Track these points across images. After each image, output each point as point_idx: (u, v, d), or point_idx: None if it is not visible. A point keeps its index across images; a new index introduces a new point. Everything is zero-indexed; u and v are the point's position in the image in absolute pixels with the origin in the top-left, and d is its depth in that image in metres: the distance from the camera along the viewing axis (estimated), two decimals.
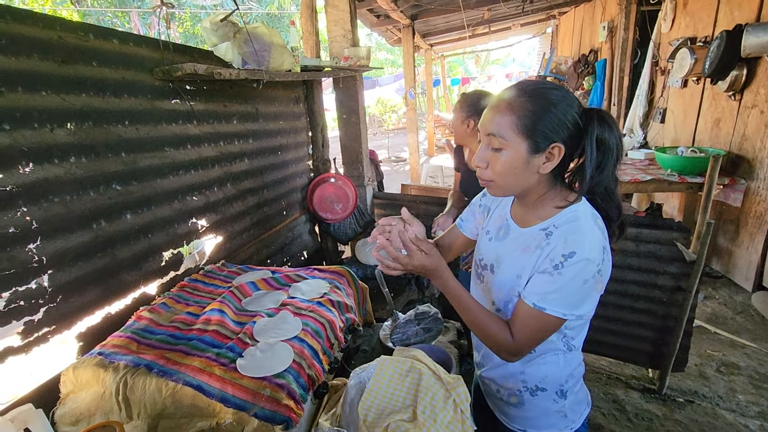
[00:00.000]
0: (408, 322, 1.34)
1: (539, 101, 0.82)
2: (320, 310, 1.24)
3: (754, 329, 2.84)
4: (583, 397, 1.07)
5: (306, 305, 1.26)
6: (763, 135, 2.99)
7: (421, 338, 1.35)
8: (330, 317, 1.23)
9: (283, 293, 1.35)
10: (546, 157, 0.84)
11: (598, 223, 0.86)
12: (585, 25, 7.13)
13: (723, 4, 3.43)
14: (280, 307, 1.26)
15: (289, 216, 2.54)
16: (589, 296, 0.85)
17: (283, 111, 2.43)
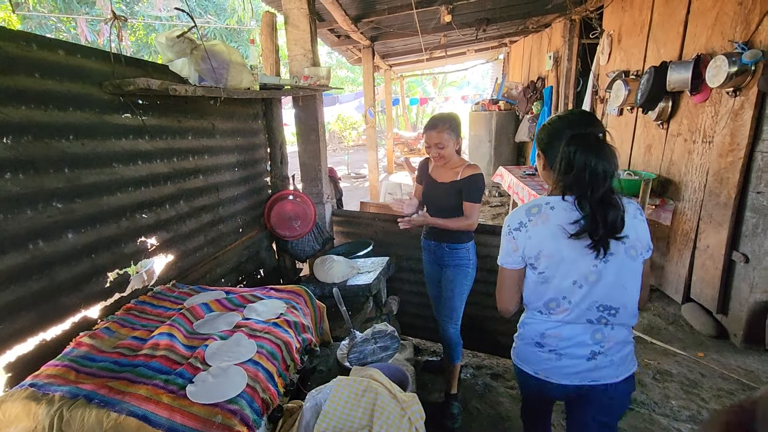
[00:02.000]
0: (365, 341, 1.36)
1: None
2: (276, 331, 1.22)
3: (684, 338, 3.09)
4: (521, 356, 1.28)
5: (261, 326, 1.24)
6: (687, 161, 3.31)
7: (378, 357, 1.37)
8: (286, 338, 1.22)
9: (238, 314, 1.32)
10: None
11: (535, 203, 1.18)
12: (533, 54, 7.62)
13: (651, 43, 3.81)
14: (234, 329, 1.23)
15: (245, 234, 2.48)
16: (504, 249, 1.22)
17: (241, 127, 2.40)
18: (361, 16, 4.60)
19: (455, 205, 2.04)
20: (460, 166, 2.04)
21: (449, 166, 2.07)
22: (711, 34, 3.04)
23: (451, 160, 2.05)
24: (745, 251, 2.81)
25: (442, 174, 2.10)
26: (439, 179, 2.10)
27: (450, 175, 2.06)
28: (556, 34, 6.26)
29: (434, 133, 1.97)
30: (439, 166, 2.11)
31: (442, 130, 1.95)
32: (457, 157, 2.09)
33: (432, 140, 1.98)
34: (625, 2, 4.26)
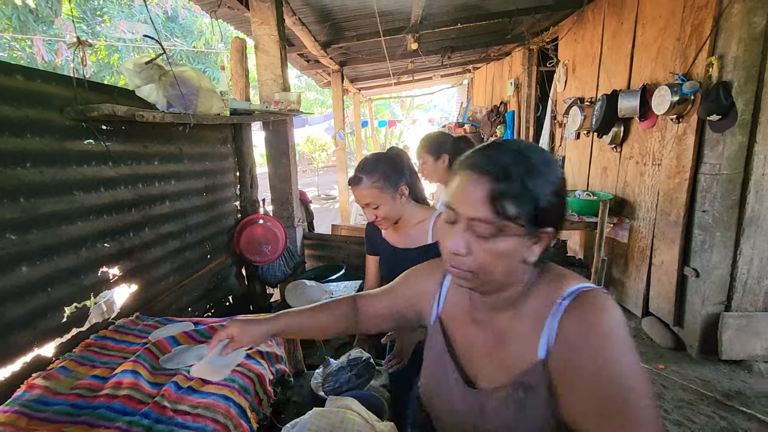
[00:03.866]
0: (340, 369, 1.33)
1: None
2: (248, 363, 1.18)
3: (646, 351, 3.22)
4: None
5: None
6: (639, 182, 3.53)
7: (354, 385, 1.35)
8: (259, 370, 1.18)
9: (207, 347, 1.27)
10: None
11: None
12: (496, 80, 7.99)
13: (602, 73, 4.10)
14: None
15: (213, 260, 2.41)
16: None
17: (210, 151, 2.37)
18: (330, 42, 4.69)
19: None
20: (426, 221, 1.42)
21: (408, 223, 1.45)
22: (654, 66, 3.31)
23: (403, 215, 1.44)
24: (695, 266, 3.00)
25: (402, 236, 1.47)
26: (400, 244, 1.48)
27: (414, 236, 1.44)
28: (516, 62, 6.60)
29: (357, 190, 1.36)
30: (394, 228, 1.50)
31: (367, 185, 1.34)
32: (415, 209, 1.46)
33: (358, 200, 1.39)
34: (577, 35, 4.57)
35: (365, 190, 1.36)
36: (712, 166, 2.82)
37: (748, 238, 2.83)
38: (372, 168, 1.37)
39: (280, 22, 2.62)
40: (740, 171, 2.76)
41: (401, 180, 1.40)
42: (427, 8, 4.10)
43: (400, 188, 1.39)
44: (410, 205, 1.46)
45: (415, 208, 1.47)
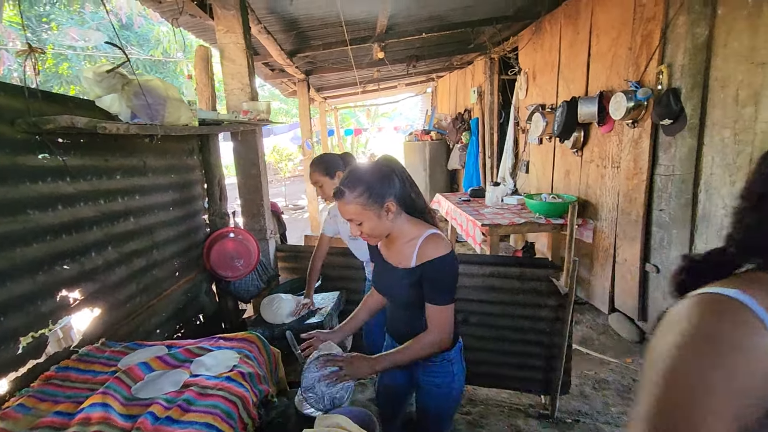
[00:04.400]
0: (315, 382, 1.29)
1: None
2: (230, 386, 1.12)
3: (614, 347, 3.35)
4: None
5: (213, 383, 1.13)
6: (600, 184, 3.70)
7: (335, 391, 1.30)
8: (242, 393, 1.12)
9: (184, 371, 1.19)
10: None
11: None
12: (459, 88, 8.18)
13: (561, 80, 4.28)
14: (183, 390, 1.10)
15: (183, 277, 2.29)
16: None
17: (175, 164, 2.26)
18: (296, 50, 4.64)
19: (415, 300, 1.34)
20: (415, 240, 1.33)
21: (399, 239, 1.38)
22: (609, 73, 3.50)
23: (392, 232, 1.36)
24: (655, 263, 3.16)
25: (393, 251, 1.41)
26: (391, 260, 1.42)
27: (403, 255, 1.36)
28: (478, 70, 6.80)
29: (340, 204, 1.30)
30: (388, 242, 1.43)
31: (349, 200, 1.27)
32: (406, 226, 1.36)
33: (342, 215, 1.33)
34: (536, 44, 4.76)
35: (347, 205, 1.28)
36: (666, 168, 2.99)
37: (701, 234, 3.02)
38: (355, 181, 1.28)
39: (246, 30, 2.56)
40: (691, 171, 2.94)
41: (388, 195, 1.29)
42: (393, 18, 4.15)
43: (386, 204, 1.28)
44: (401, 220, 1.36)
45: (407, 224, 1.36)
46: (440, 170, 8.49)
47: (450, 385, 1.43)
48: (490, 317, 2.52)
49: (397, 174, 1.33)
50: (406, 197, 1.35)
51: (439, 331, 1.31)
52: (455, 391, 1.45)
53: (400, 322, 1.49)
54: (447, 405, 1.48)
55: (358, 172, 1.32)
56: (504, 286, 2.45)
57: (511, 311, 2.48)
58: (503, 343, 2.54)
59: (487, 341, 2.56)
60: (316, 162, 2.22)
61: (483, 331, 2.54)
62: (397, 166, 1.36)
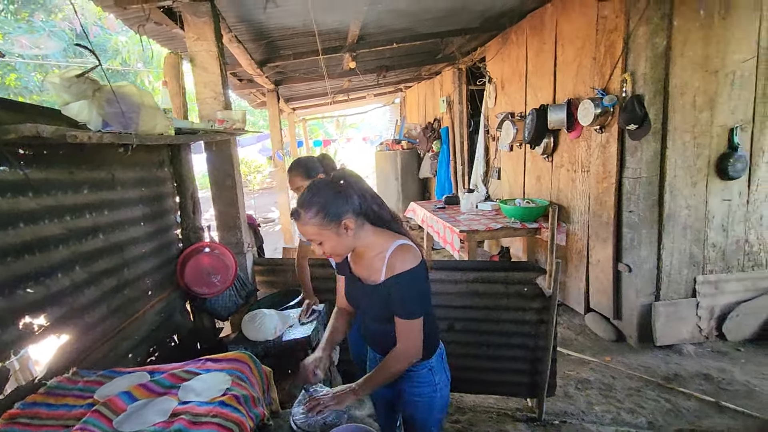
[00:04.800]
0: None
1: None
2: (225, 412, 1.04)
3: (592, 346, 3.44)
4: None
5: (206, 409, 1.04)
6: (571, 188, 3.82)
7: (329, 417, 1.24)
8: (239, 419, 1.04)
9: (172, 399, 1.09)
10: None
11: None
12: (428, 98, 8.31)
13: (529, 89, 4.42)
14: (172, 419, 1.01)
15: (156, 296, 2.15)
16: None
17: (146, 176, 2.14)
18: (267, 60, 4.56)
19: (389, 314, 1.32)
20: (383, 252, 1.29)
21: (367, 253, 1.33)
22: (576, 82, 3.64)
23: (357, 246, 1.32)
24: (627, 262, 3.28)
25: (362, 266, 1.37)
26: (360, 273, 1.38)
27: (371, 269, 1.33)
28: (446, 80, 6.93)
29: (299, 226, 1.27)
30: (356, 256, 1.39)
31: (305, 221, 1.24)
32: (372, 239, 1.32)
33: (303, 236, 1.32)
34: (503, 54, 4.91)
35: (304, 226, 1.25)
36: (634, 171, 3.13)
37: (668, 233, 3.17)
38: (310, 201, 1.24)
39: (218, 37, 2.47)
40: (657, 174, 3.09)
41: (344, 212, 1.24)
42: (365, 28, 4.17)
43: (343, 222, 1.24)
44: (366, 233, 1.31)
45: (373, 236, 1.32)
46: (412, 179, 8.55)
47: (432, 395, 1.41)
48: (474, 323, 2.52)
49: (354, 189, 1.29)
50: (368, 210, 1.32)
51: (407, 346, 1.30)
52: (438, 401, 1.43)
53: (377, 334, 1.47)
54: (431, 415, 1.45)
55: (311, 191, 1.28)
56: (488, 291, 2.46)
57: (495, 316, 2.48)
58: (488, 349, 2.54)
59: (473, 347, 2.55)
60: (294, 166, 2.18)
61: (468, 337, 2.53)
62: (354, 181, 1.32)
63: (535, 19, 4.18)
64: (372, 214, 1.32)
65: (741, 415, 2.49)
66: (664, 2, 2.83)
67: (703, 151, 3.08)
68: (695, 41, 2.91)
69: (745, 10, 2.91)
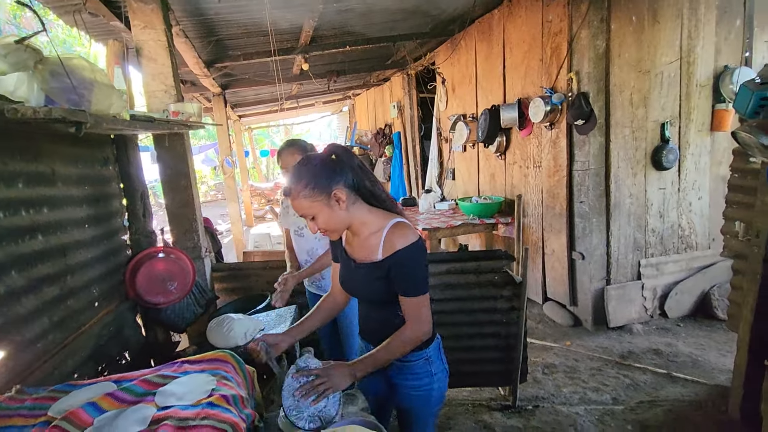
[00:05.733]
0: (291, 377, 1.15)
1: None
2: (216, 413, 0.91)
3: (552, 333, 3.58)
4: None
5: (193, 412, 0.91)
6: (525, 183, 3.99)
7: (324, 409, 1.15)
8: (231, 419, 0.92)
9: (149, 406, 0.95)
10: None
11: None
12: (377, 105, 8.38)
13: (480, 91, 4.60)
14: (154, 427, 0.87)
15: (103, 307, 1.92)
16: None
17: (89, 173, 1.91)
18: (214, 60, 4.35)
19: (388, 296, 1.27)
20: (380, 231, 1.25)
21: (362, 232, 1.29)
22: (525, 83, 3.83)
23: (353, 224, 1.28)
24: (580, 250, 3.47)
25: (357, 246, 1.32)
26: (356, 255, 1.33)
27: (368, 248, 1.28)
28: (396, 86, 7.04)
29: (292, 201, 1.24)
30: (351, 236, 1.35)
31: (296, 195, 1.21)
32: (368, 216, 1.28)
33: (297, 212, 1.26)
34: (453, 59, 5.08)
35: (296, 200, 1.22)
36: (583, 163, 3.33)
37: (615, 221, 3.40)
38: (299, 174, 1.21)
39: (167, 25, 2.30)
40: (603, 166, 3.31)
41: (335, 183, 1.20)
42: (318, 29, 4.11)
43: (333, 193, 1.20)
44: (360, 210, 1.27)
45: (369, 214, 1.28)
46: None
47: (429, 385, 1.35)
48: (447, 315, 2.51)
49: (345, 162, 1.25)
50: (361, 186, 1.27)
51: (418, 324, 1.24)
52: (435, 392, 1.37)
53: (375, 322, 1.40)
54: (427, 408, 1.39)
55: (301, 164, 1.25)
56: (460, 281, 2.47)
57: (468, 306, 2.50)
58: (462, 340, 2.54)
59: (446, 341, 2.49)
60: (291, 143, 2.07)
61: (441, 330, 2.43)
62: (345, 154, 1.27)
63: (483, 24, 4.36)
64: (366, 190, 1.27)
65: (690, 382, 2.70)
66: (602, 7, 3.07)
67: (641, 144, 3.36)
68: (630, 44, 3.18)
69: (670, 18, 3.24)
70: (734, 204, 2.42)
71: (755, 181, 2.15)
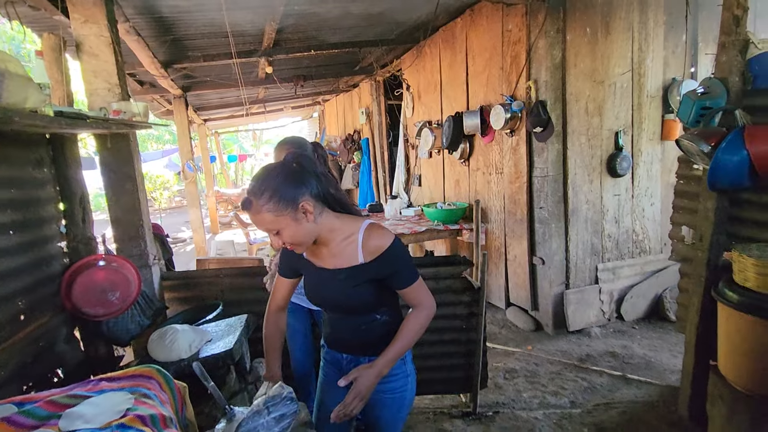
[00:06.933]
0: (256, 413, 1.07)
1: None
2: None
3: (515, 337, 3.61)
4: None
5: None
6: (488, 189, 4.04)
7: (275, 431, 1.09)
8: None
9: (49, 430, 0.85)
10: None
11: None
12: (347, 110, 8.35)
13: (444, 98, 4.64)
14: None
15: (31, 322, 1.76)
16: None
17: (16, 176, 1.77)
18: (172, 61, 4.19)
19: (367, 301, 1.25)
20: (354, 235, 1.22)
21: (333, 240, 1.23)
22: (487, 90, 3.89)
23: (321, 233, 1.21)
24: (541, 255, 3.52)
25: (328, 255, 1.26)
26: (325, 264, 1.27)
27: (343, 254, 1.23)
28: (364, 92, 7.03)
29: (252, 216, 1.15)
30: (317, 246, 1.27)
31: (258, 209, 1.12)
32: (336, 223, 1.23)
33: (259, 227, 1.18)
34: (419, 66, 5.11)
35: (257, 215, 1.13)
36: (542, 170, 3.40)
37: (573, 226, 3.48)
38: (260, 186, 1.12)
39: (111, 20, 2.18)
40: (561, 172, 3.39)
41: (301, 194, 1.13)
42: (281, 33, 4.04)
43: (300, 205, 1.13)
44: (328, 218, 1.21)
45: (337, 221, 1.22)
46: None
47: (404, 387, 1.34)
48: None
49: (308, 170, 1.19)
50: (326, 194, 1.22)
51: (430, 304, 1.27)
52: (409, 393, 1.36)
53: (347, 331, 1.34)
54: (401, 413, 1.36)
55: (263, 174, 1.16)
56: None
57: None
58: (422, 347, 2.50)
59: None
60: (288, 141, 2.00)
61: None
62: (308, 162, 1.22)
63: (447, 32, 4.42)
64: (330, 198, 1.22)
65: (644, 384, 2.77)
66: (558, 18, 3.15)
67: (596, 152, 3.46)
68: (585, 54, 3.28)
69: (621, 31, 3.37)
70: (680, 209, 2.52)
71: (698, 188, 2.24)
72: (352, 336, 1.30)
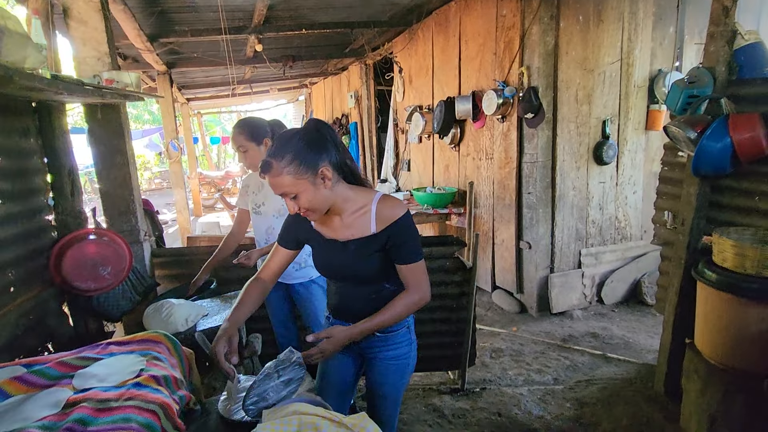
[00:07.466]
0: (267, 377, 1.09)
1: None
2: (143, 393, 0.84)
3: (500, 319, 3.71)
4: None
5: (115, 393, 0.83)
6: (477, 174, 4.09)
7: (284, 393, 1.11)
8: (162, 400, 0.85)
9: (64, 389, 0.85)
10: None
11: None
12: (335, 94, 8.25)
13: (436, 83, 4.64)
14: (69, 410, 0.78)
15: (20, 295, 1.73)
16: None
17: (4, 144, 1.71)
18: (158, 35, 4.05)
19: (378, 270, 1.26)
20: (367, 206, 1.23)
21: (346, 210, 1.25)
22: (479, 75, 3.91)
23: (335, 203, 1.22)
24: (527, 240, 3.61)
25: (340, 225, 1.27)
26: (338, 236, 1.28)
27: (355, 225, 1.25)
28: (354, 76, 6.96)
29: (269, 178, 1.15)
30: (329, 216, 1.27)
31: (278, 172, 1.13)
32: (350, 193, 1.24)
33: (273, 190, 1.17)
34: (411, 50, 5.08)
35: (276, 177, 1.13)
36: (531, 156, 3.46)
37: (560, 211, 3.57)
38: (283, 148, 1.13)
39: None
40: (550, 159, 3.46)
41: (321, 160, 1.14)
42: (273, 8, 3.95)
43: (320, 170, 1.14)
44: (342, 188, 1.22)
45: (351, 192, 1.24)
46: None
47: (408, 354, 1.38)
48: None
49: (329, 138, 1.19)
50: (343, 164, 1.22)
51: (424, 288, 1.27)
52: (412, 360, 1.40)
53: (356, 301, 1.34)
54: (404, 380, 1.41)
55: (284, 137, 1.18)
56: None
57: None
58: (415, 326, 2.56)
59: None
60: (240, 124, 1.96)
61: None
62: (328, 131, 1.22)
63: (440, 16, 4.40)
64: (347, 169, 1.23)
65: (623, 362, 2.90)
66: (552, 5, 3.18)
67: (584, 140, 3.54)
68: (577, 42, 3.33)
69: (613, 20, 3.42)
70: (664, 195, 2.62)
71: (682, 174, 2.33)
72: (362, 305, 1.30)
